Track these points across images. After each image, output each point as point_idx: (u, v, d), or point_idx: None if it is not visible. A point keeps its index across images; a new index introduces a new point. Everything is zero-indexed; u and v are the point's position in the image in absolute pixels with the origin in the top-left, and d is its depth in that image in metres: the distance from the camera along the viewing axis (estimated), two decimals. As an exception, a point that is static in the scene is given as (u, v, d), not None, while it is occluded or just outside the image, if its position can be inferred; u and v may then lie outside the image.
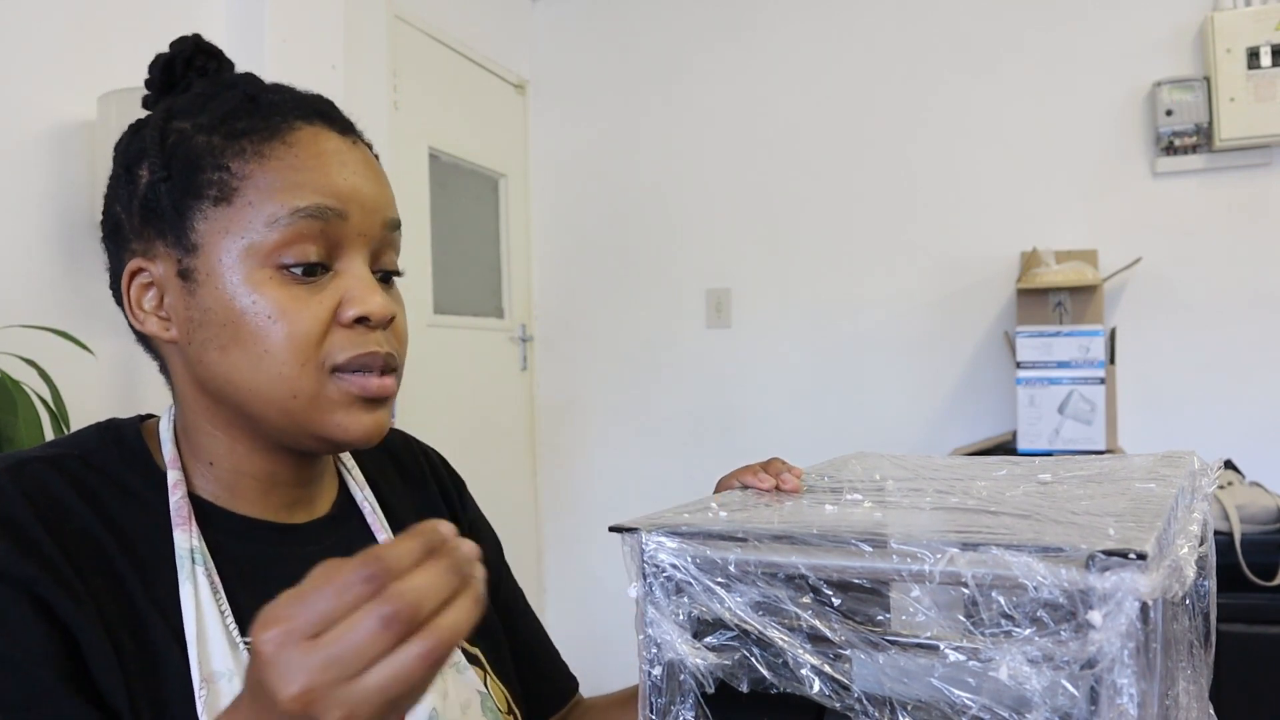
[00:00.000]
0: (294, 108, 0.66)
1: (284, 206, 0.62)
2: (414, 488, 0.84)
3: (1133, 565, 0.38)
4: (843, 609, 0.45)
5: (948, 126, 2.88)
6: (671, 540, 0.50)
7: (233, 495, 0.68)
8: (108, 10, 1.85)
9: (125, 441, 0.68)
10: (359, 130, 0.71)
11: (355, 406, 0.65)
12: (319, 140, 0.65)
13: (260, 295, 0.62)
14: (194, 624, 0.60)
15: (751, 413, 3.10)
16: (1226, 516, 1.94)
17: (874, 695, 0.45)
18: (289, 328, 0.62)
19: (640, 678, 0.52)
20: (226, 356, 0.63)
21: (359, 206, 0.65)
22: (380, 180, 0.69)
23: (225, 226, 0.63)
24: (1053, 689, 0.40)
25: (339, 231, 0.64)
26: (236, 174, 0.63)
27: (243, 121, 0.64)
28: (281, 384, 0.63)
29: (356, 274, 0.65)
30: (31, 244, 1.71)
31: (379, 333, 0.65)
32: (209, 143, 0.64)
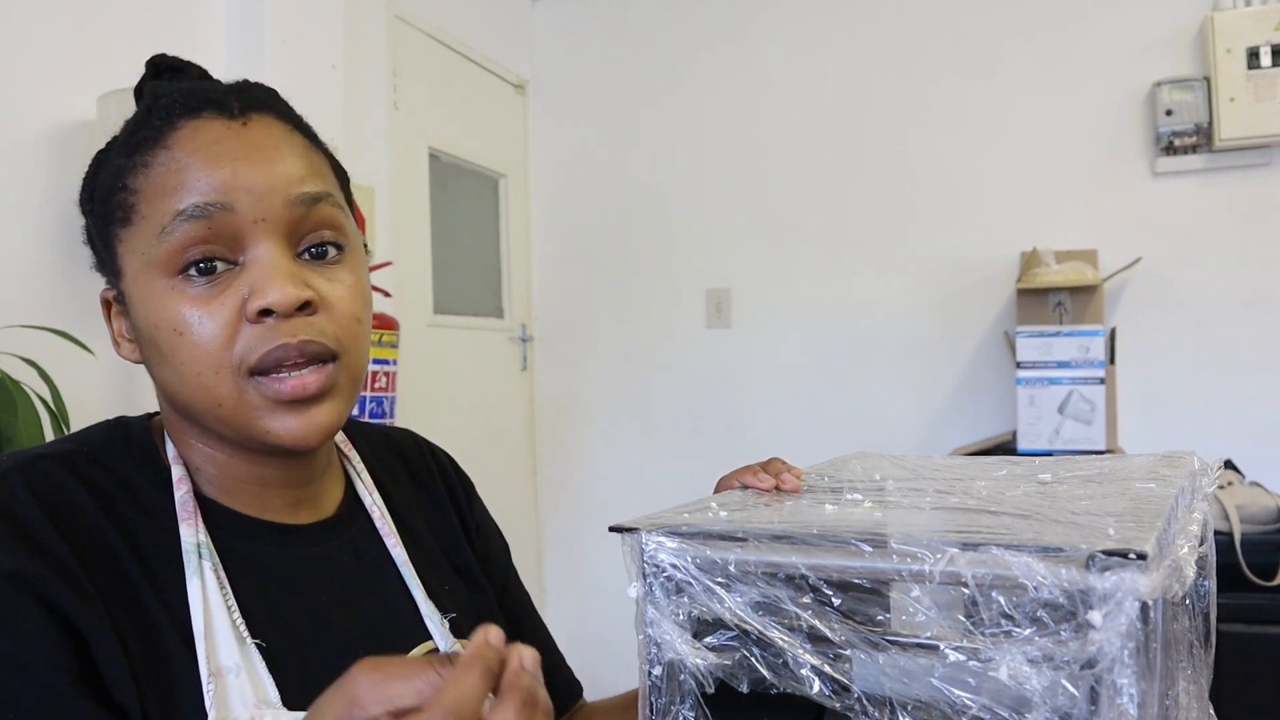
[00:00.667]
0: (181, 106, 0.63)
1: (167, 213, 0.60)
2: (422, 489, 0.83)
3: (1133, 565, 0.38)
4: (843, 609, 0.45)
5: (947, 126, 2.88)
6: (671, 540, 0.50)
7: (231, 498, 0.67)
8: (108, 10, 1.85)
9: (133, 438, 0.67)
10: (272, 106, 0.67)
11: (279, 410, 0.62)
12: (197, 135, 0.62)
13: (166, 308, 0.61)
14: (201, 619, 0.60)
15: (751, 413, 3.10)
16: (1226, 516, 1.94)
17: (874, 695, 0.45)
18: (196, 336, 0.60)
19: (640, 678, 0.52)
20: (161, 371, 0.63)
21: (245, 193, 0.61)
22: (280, 156, 0.63)
23: (132, 246, 0.62)
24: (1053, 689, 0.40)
25: (230, 225, 0.61)
26: (132, 190, 0.62)
27: (137, 134, 0.63)
28: (204, 394, 0.61)
29: (260, 263, 0.61)
30: (31, 244, 1.71)
31: (295, 320, 0.61)
32: (117, 165, 0.64)
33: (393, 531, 0.75)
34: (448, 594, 0.76)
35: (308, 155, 0.66)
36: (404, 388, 2.29)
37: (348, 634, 0.67)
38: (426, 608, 0.72)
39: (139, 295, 0.62)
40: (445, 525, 0.82)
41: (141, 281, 0.62)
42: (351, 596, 0.69)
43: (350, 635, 0.67)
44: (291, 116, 0.68)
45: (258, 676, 0.60)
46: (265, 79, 0.71)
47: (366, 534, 0.74)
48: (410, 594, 0.72)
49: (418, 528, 0.79)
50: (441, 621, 0.71)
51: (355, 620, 0.68)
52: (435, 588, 0.74)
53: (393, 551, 0.73)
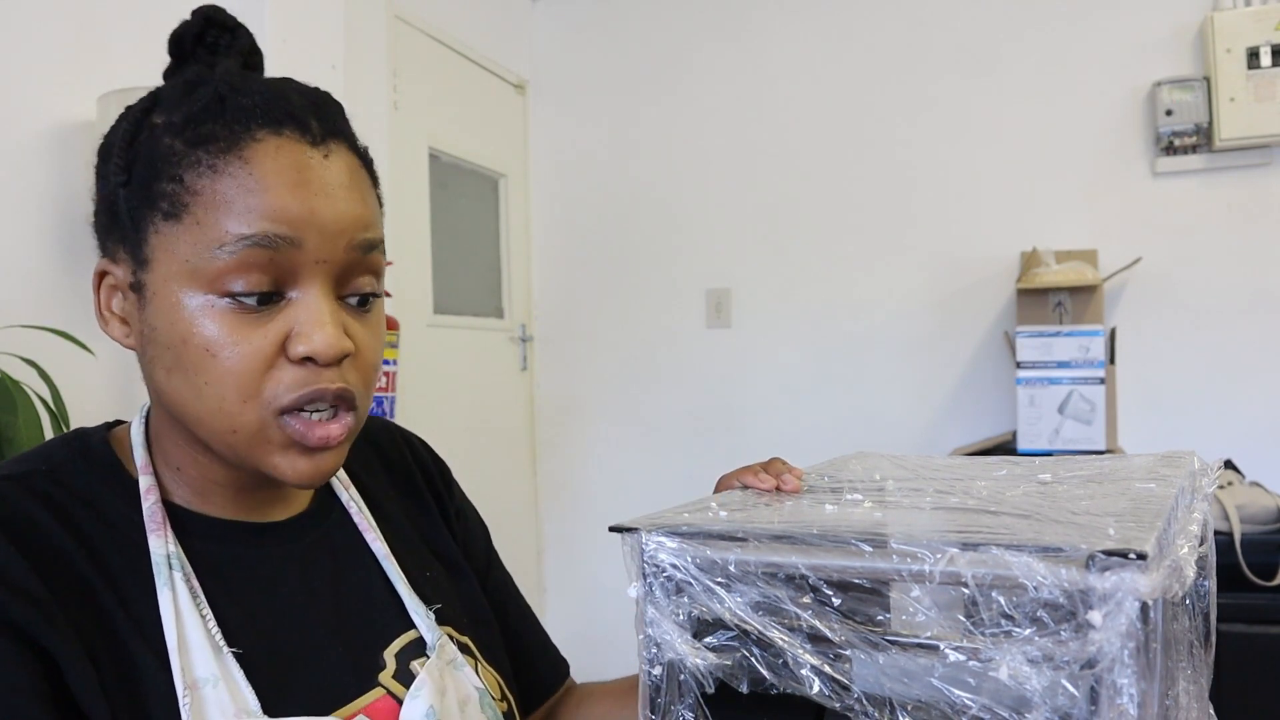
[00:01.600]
0: (262, 114, 0.59)
1: (231, 232, 0.57)
2: (398, 478, 0.82)
3: (1133, 565, 0.38)
4: (843, 609, 0.45)
5: (948, 126, 2.88)
6: (671, 540, 0.50)
7: (204, 500, 0.66)
8: (108, 10, 1.85)
9: (93, 453, 0.65)
10: (346, 133, 0.64)
11: (293, 451, 0.61)
12: (279, 155, 0.59)
13: (202, 324, 0.58)
14: (174, 631, 0.58)
15: (751, 413, 3.10)
16: (1226, 516, 1.94)
17: (874, 695, 0.45)
18: (229, 364, 0.58)
19: (640, 678, 0.52)
20: (171, 379, 0.61)
21: (316, 231, 0.59)
22: (351, 198, 0.61)
23: (173, 244, 0.59)
24: (1053, 689, 0.40)
25: (292, 259, 0.58)
26: (189, 188, 0.58)
27: (206, 126, 0.59)
28: (222, 418, 0.59)
29: (310, 305, 0.59)
30: (31, 244, 1.71)
31: (332, 370, 0.60)
32: (170, 147, 0.59)
33: (371, 524, 0.73)
34: (430, 582, 0.74)
35: (370, 196, 0.64)
36: (404, 388, 2.30)
37: (328, 631, 0.66)
38: (409, 599, 0.71)
39: (169, 299, 0.59)
40: (423, 513, 0.81)
41: (175, 286, 0.59)
42: (330, 592, 0.68)
43: (330, 632, 0.66)
44: (358, 146, 0.66)
45: (236, 685, 0.59)
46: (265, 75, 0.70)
47: (342, 528, 0.73)
48: (392, 585, 0.71)
49: (395, 517, 0.77)
50: (427, 613, 0.70)
51: (335, 616, 0.67)
52: (417, 577, 0.73)
53: (371, 544, 0.72)
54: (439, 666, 0.67)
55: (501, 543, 0.92)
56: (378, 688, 0.65)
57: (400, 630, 0.69)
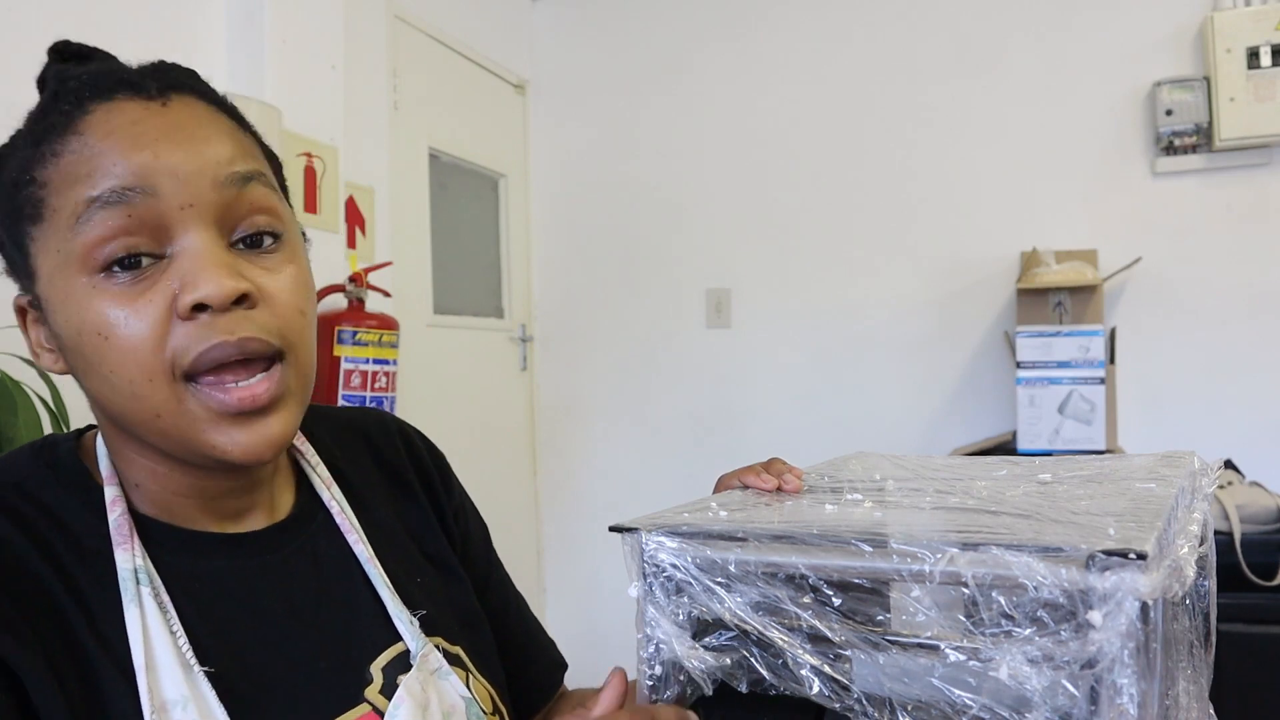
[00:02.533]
0: (90, 89, 0.57)
1: (79, 201, 0.54)
2: (389, 475, 0.77)
3: (1133, 565, 0.38)
4: (843, 609, 0.45)
5: (948, 126, 2.88)
6: (671, 540, 0.50)
7: (171, 513, 0.62)
8: (108, 10, 1.85)
9: (60, 463, 0.62)
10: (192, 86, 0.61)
11: (224, 422, 0.56)
12: (111, 117, 0.56)
13: (88, 310, 0.54)
14: (142, 651, 0.55)
15: (751, 413, 3.10)
16: (1226, 516, 1.94)
17: (874, 695, 0.45)
18: (123, 339, 0.54)
19: (640, 678, 0.51)
20: (89, 380, 0.57)
21: (169, 176, 0.55)
22: (205, 136, 0.57)
23: (45, 243, 0.56)
24: (1053, 689, 0.40)
25: (153, 211, 0.54)
26: (40, 182, 0.56)
27: (43, 123, 0.57)
28: (139, 404, 0.55)
29: (189, 252, 0.55)
30: (31, 244, 1.71)
31: (233, 315, 0.55)
32: (22, 157, 0.57)
33: (354, 527, 0.69)
34: (419, 586, 0.71)
35: (235, 135, 0.60)
36: (404, 388, 2.30)
37: (307, 647, 0.62)
38: (394, 606, 0.67)
39: (57, 298, 0.56)
40: (416, 512, 0.76)
41: (59, 282, 0.55)
42: (310, 605, 0.64)
43: (309, 648, 0.63)
44: (215, 97, 0.62)
45: (207, 707, 0.55)
46: (265, 79, 0.70)
47: (326, 533, 0.68)
48: (377, 594, 0.67)
49: (384, 518, 0.73)
50: (410, 620, 0.66)
51: (315, 631, 0.63)
52: (404, 582, 0.69)
53: (355, 548, 0.68)
54: (420, 679, 0.64)
55: (501, 543, 0.91)
56: (362, 704, 0.62)
57: (388, 642, 0.66)
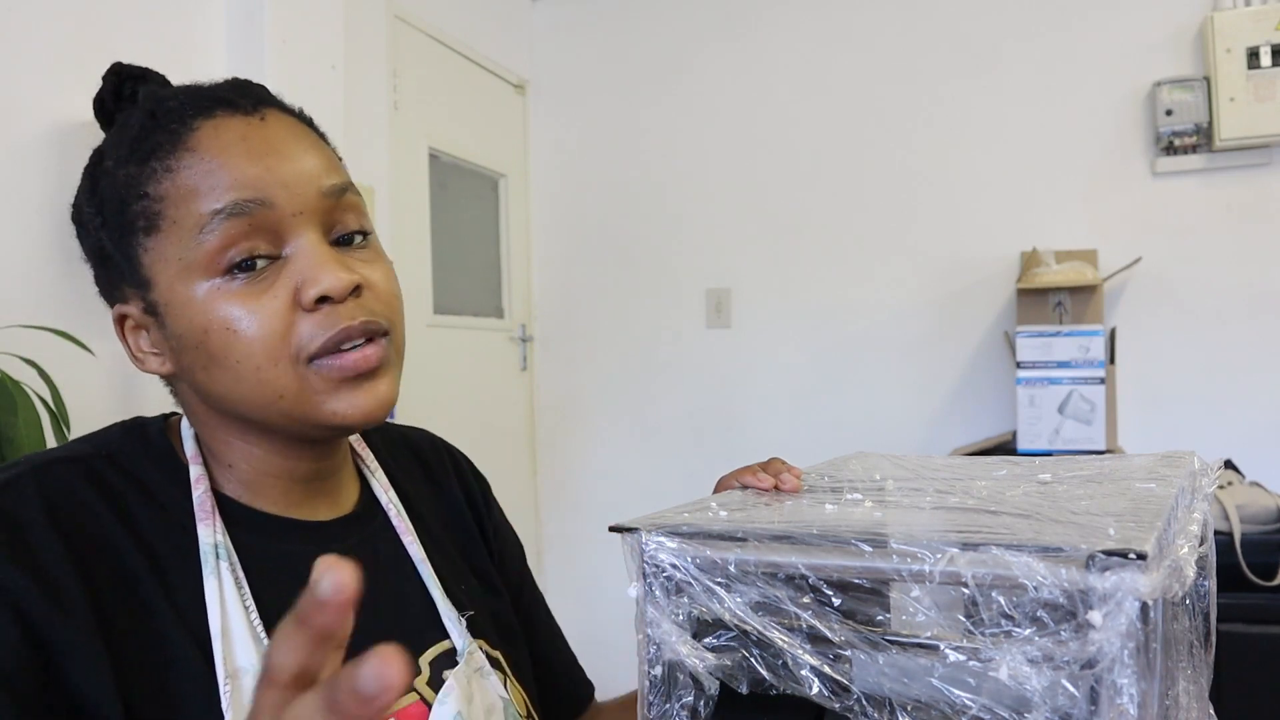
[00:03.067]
0: (191, 107, 0.64)
1: (204, 214, 0.60)
2: (439, 489, 0.83)
3: (1133, 565, 0.38)
4: (843, 609, 0.45)
5: (948, 126, 2.88)
6: (671, 540, 0.50)
7: (254, 494, 0.67)
8: (108, 10, 1.85)
9: (150, 439, 0.67)
10: (275, 102, 0.67)
11: (344, 389, 0.63)
12: (220, 133, 0.62)
13: (216, 308, 0.61)
14: (219, 620, 0.59)
15: (751, 413, 3.10)
16: (1226, 516, 1.94)
17: (874, 696, 0.45)
18: (252, 331, 0.61)
19: (640, 678, 0.51)
20: (211, 376, 0.63)
21: (281, 187, 0.62)
22: (303, 150, 0.65)
23: (163, 253, 0.62)
24: (1053, 689, 0.40)
25: (270, 219, 0.61)
26: (155, 197, 0.61)
27: (148, 141, 0.63)
28: (265, 388, 0.61)
29: (306, 252, 0.62)
30: (31, 244, 1.71)
31: (349, 304, 0.63)
32: (127, 174, 0.63)
33: (410, 529, 0.74)
34: (464, 593, 0.75)
35: (321, 147, 0.67)
36: (404, 388, 2.28)
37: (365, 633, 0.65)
38: (444, 606, 0.71)
39: (179, 301, 0.62)
40: (461, 526, 0.82)
41: (180, 287, 0.62)
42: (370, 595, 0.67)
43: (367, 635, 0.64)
44: (293, 110, 0.69)
45: None
46: (265, 79, 0.72)
47: (384, 532, 0.74)
48: (428, 592, 0.72)
49: (434, 527, 0.78)
50: (459, 619, 0.71)
51: (373, 619, 0.66)
52: (453, 586, 0.74)
53: (410, 549, 0.73)
54: (466, 674, 0.68)
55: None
56: (411, 693, 0.66)
57: (435, 639, 0.70)
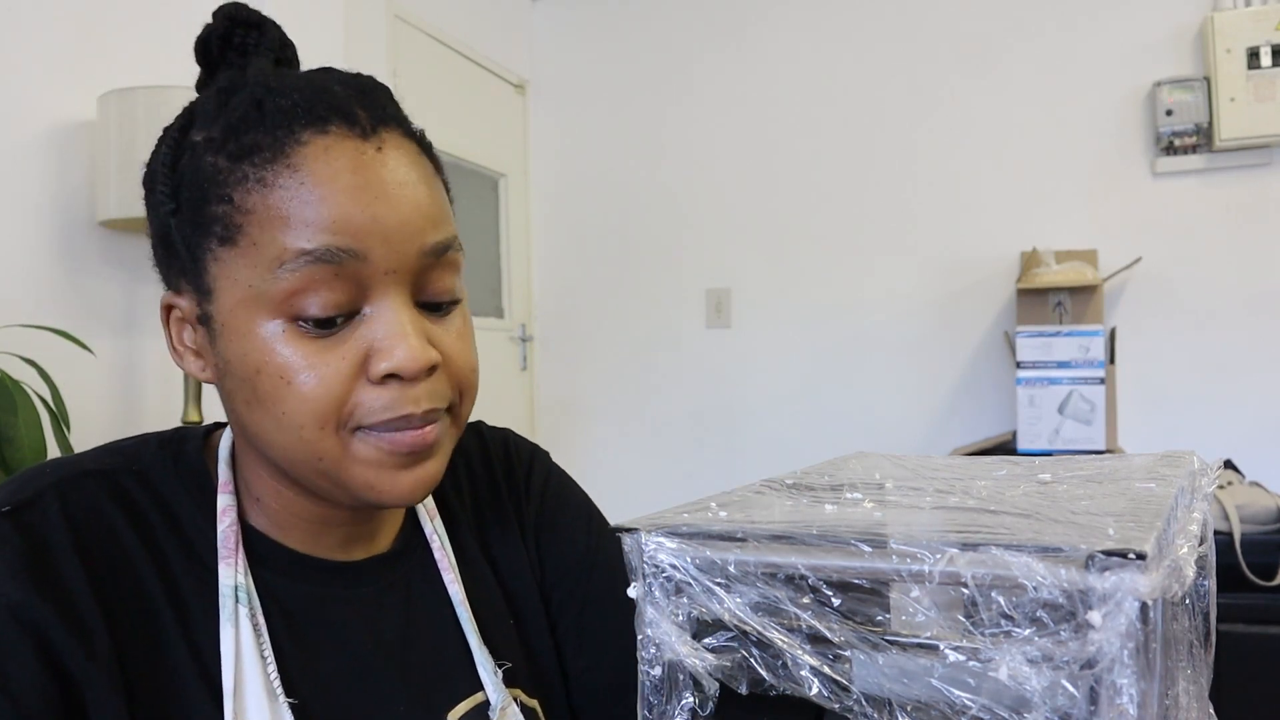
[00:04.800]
0: (304, 113, 0.54)
1: (290, 249, 0.52)
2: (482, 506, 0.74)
3: (1132, 565, 0.38)
4: (842, 609, 0.45)
5: (948, 127, 2.88)
6: (671, 540, 0.50)
7: (282, 530, 0.62)
8: (108, 10, 1.85)
9: (185, 459, 0.61)
10: (397, 118, 0.59)
11: (388, 466, 0.56)
12: (330, 156, 0.53)
13: (274, 352, 0.54)
14: (232, 672, 0.55)
15: (751, 413, 3.10)
16: (1226, 516, 1.94)
17: (873, 696, 0.45)
18: (307, 390, 0.53)
19: (639, 678, 0.51)
20: (251, 412, 0.56)
21: (381, 240, 0.53)
22: (416, 197, 0.56)
23: (233, 271, 0.54)
24: (1052, 689, 0.40)
25: (359, 272, 0.53)
26: (240, 207, 0.53)
27: (248, 136, 0.54)
28: (304, 447, 0.55)
29: (387, 318, 0.54)
30: (31, 244, 1.71)
31: (420, 385, 0.55)
32: (215, 165, 0.54)
33: (451, 565, 0.67)
34: (502, 635, 0.69)
35: (434, 186, 0.59)
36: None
37: (389, 687, 0.62)
38: (480, 655, 0.65)
39: (237, 329, 0.55)
40: (506, 548, 0.73)
41: (242, 314, 0.54)
42: (398, 643, 0.63)
43: (391, 688, 0.62)
44: (413, 131, 0.60)
45: None
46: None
47: (422, 569, 0.67)
48: (464, 637, 0.65)
49: (475, 558, 0.71)
50: (495, 670, 0.65)
51: (400, 670, 0.62)
52: (492, 629, 0.67)
53: (449, 588, 0.67)
54: None
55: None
56: None
57: (468, 691, 0.64)
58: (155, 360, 1.87)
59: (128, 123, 1.67)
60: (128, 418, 1.82)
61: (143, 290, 1.86)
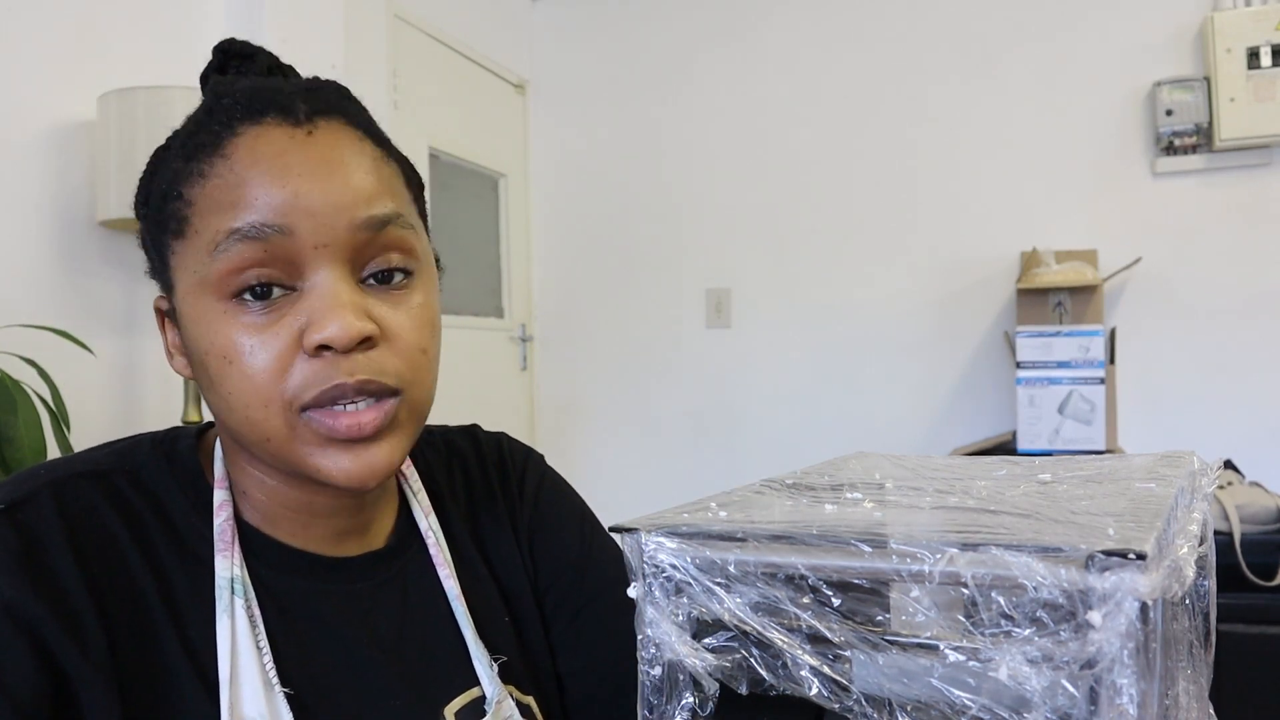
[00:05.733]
0: (243, 109, 0.57)
1: (220, 230, 0.55)
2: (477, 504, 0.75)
3: (1132, 565, 0.38)
4: (842, 609, 0.45)
5: (948, 127, 2.88)
6: (671, 540, 0.50)
7: (273, 524, 0.63)
8: (108, 10, 1.85)
9: (178, 458, 0.63)
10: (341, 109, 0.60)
11: (330, 447, 0.56)
12: (258, 144, 0.56)
13: (217, 332, 0.56)
14: (228, 664, 0.56)
15: (751, 413, 3.10)
16: (1226, 516, 1.94)
17: (873, 696, 0.45)
18: (245, 368, 0.55)
19: (639, 678, 0.51)
20: (210, 396, 0.58)
21: (306, 215, 0.55)
22: (342, 172, 0.57)
23: (185, 260, 0.57)
24: (1052, 689, 0.40)
25: (288, 249, 0.55)
26: (187, 200, 0.56)
27: (196, 138, 0.57)
28: (252, 428, 0.56)
29: (320, 292, 0.55)
30: (31, 244, 1.71)
31: (355, 357, 0.56)
32: (174, 170, 0.58)
33: (447, 561, 0.68)
34: (498, 630, 0.69)
35: (378, 168, 0.60)
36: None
37: (385, 682, 0.62)
38: (476, 649, 0.66)
39: (190, 314, 0.57)
40: (500, 549, 0.73)
41: (192, 300, 0.57)
42: (393, 638, 0.64)
43: (387, 683, 0.63)
44: (362, 121, 0.62)
45: None
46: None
47: (418, 564, 0.68)
48: (460, 631, 0.66)
49: (471, 556, 0.71)
50: (490, 663, 0.65)
51: (395, 664, 0.63)
52: (488, 625, 0.68)
53: (445, 583, 0.67)
54: None
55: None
56: None
57: (464, 685, 0.65)
58: (155, 360, 1.87)
59: (128, 123, 1.67)
60: (128, 418, 1.82)
61: (143, 290, 1.86)
